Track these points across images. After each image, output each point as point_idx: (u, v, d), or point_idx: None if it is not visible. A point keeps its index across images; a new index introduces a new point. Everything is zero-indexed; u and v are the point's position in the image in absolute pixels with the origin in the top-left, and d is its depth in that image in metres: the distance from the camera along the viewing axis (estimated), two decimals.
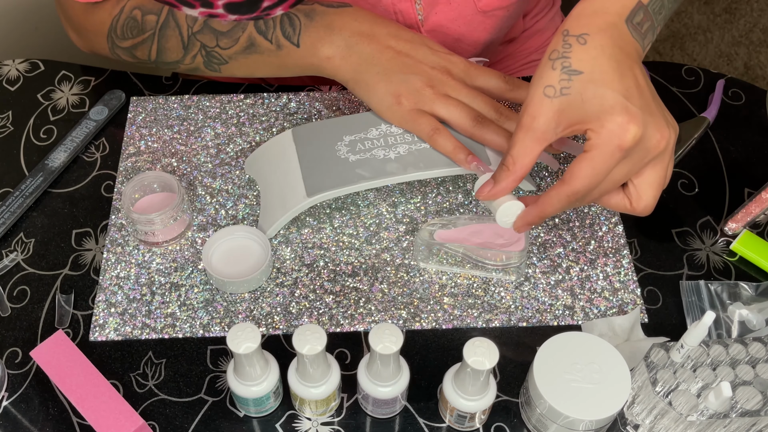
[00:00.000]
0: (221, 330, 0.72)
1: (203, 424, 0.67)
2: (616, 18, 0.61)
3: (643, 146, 0.59)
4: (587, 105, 0.58)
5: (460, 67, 0.75)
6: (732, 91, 0.89)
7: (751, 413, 0.58)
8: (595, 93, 0.58)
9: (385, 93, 0.73)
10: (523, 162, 0.62)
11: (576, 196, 0.60)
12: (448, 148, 0.72)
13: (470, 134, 0.72)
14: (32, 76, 0.91)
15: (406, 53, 0.74)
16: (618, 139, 0.57)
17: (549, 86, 0.59)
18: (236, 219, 0.78)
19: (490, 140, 0.72)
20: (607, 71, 0.59)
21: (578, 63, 0.59)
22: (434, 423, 0.67)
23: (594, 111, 0.58)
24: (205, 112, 0.87)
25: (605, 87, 0.58)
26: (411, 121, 0.73)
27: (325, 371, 0.62)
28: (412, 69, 0.73)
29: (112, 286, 0.74)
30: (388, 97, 0.73)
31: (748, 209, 0.78)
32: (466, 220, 0.74)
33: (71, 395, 0.63)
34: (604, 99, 0.58)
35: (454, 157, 0.72)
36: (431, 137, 0.72)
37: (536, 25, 1.00)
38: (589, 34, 0.60)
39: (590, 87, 0.58)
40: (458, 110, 0.72)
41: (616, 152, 0.58)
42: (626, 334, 0.71)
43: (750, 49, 1.63)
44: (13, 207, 0.79)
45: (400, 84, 0.73)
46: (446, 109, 0.72)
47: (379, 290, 0.74)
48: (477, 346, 0.58)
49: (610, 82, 0.58)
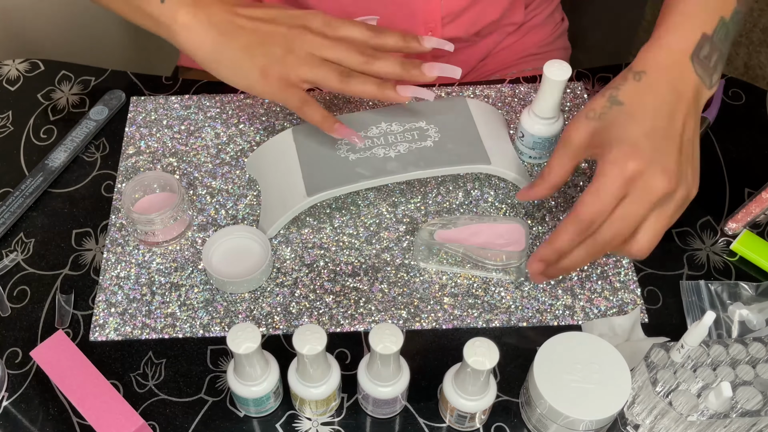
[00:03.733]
0: (221, 330, 0.72)
1: (203, 424, 0.67)
2: (680, 56, 0.63)
3: (645, 184, 0.59)
4: (611, 132, 0.61)
5: (319, 21, 0.72)
6: (732, 91, 0.89)
7: (751, 413, 0.58)
8: (622, 123, 0.61)
9: (250, 68, 0.70)
10: (557, 173, 0.66)
11: (582, 225, 0.61)
12: (317, 118, 0.71)
13: (340, 91, 0.70)
14: (32, 76, 0.91)
15: (262, 20, 0.71)
16: (619, 167, 0.59)
17: (592, 110, 0.63)
18: (236, 219, 0.78)
19: (359, 91, 0.70)
20: (645, 108, 0.61)
21: (624, 95, 0.62)
22: (434, 423, 0.67)
23: (611, 138, 0.60)
24: (205, 112, 0.87)
25: (633, 121, 0.61)
26: (280, 94, 0.71)
27: (325, 371, 0.62)
28: (271, 38, 0.70)
29: (112, 286, 0.74)
30: (254, 72, 0.70)
31: (748, 209, 0.78)
32: (466, 220, 0.74)
33: (71, 395, 0.63)
34: (625, 131, 0.60)
35: (321, 126, 0.71)
36: (300, 109, 0.71)
37: (534, 19, 1.00)
38: (646, 72, 0.63)
39: (622, 117, 0.61)
40: (322, 70, 0.69)
41: (617, 179, 0.59)
42: (626, 334, 0.71)
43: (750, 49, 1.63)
44: (13, 207, 0.79)
45: (263, 57, 0.70)
46: (312, 73, 0.69)
47: (379, 290, 0.74)
48: (477, 346, 0.58)
49: (641, 119, 0.60)
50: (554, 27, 1.03)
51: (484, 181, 0.81)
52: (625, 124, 0.61)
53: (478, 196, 0.80)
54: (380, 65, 0.70)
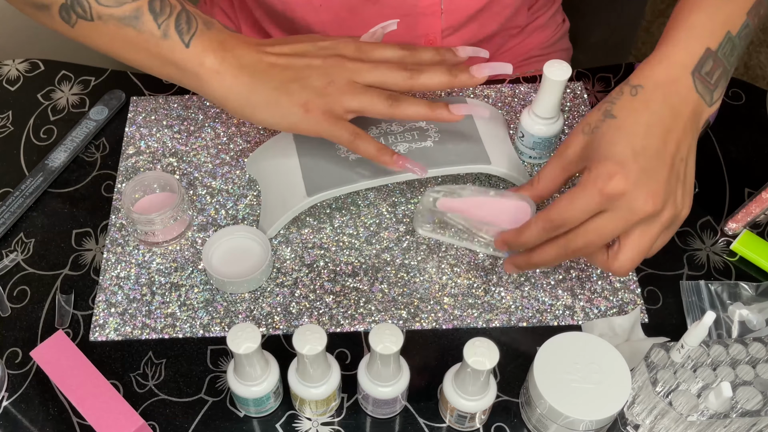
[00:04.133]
0: (221, 330, 0.72)
1: (203, 424, 0.67)
2: (681, 70, 0.62)
3: (627, 204, 0.58)
4: (600, 146, 0.60)
5: (352, 47, 0.69)
6: (732, 91, 0.89)
7: (751, 413, 0.58)
8: (612, 139, 0.60)
9: (289, 106, 0.67)
10: (545, 183, 0.66)
11: (551, 224, 0.61)
12: (371, 152, 0.68)
13: (390, 116, 0.68)
14: (32, 76, 0.91)
15: (293, 55, 0.69)
16: (600, 184, 0.58)
17: (587, 124, 0.62)
18: (236, 219, 0.78)
19: (411, 114, 0.68)
20: (637, 125, 0.60)
21: (618, 110, 0.61)
22: (434, 423, 0.67)
23: (599, 153, 0.60)
24: (205, 112, 0.87)
25: (624, 138, 0.60)
26: (328, 129, 0.67)
27: (325, 371, 0.62)
28: (306, 71, 0.67)
29: (112, 286, 0.74)
30: (296, 109, 0.67)
31: (748, 209, 0.78)
32: (471, 192, 0.71)
33: (71, 395, 0.63)
34: (614, 147, 0.59)
35: (378, 159, 0.68)
36: (353, 143, 0.67)
37: (536, 21, 1.00)
38: (642, 86, 0.62)
39: (613, 133, 0.60)
40: (368, 97, 0.67)
41: (596, 195, 0.58)
42: (626, 334, 0.71)
43: (750, 49, 1.63)
44: (13, 207, 0.79)
45: (302, 91, 0.66)
46: (357, 101, 0.67)
47: (379, 290, 0.74)
48: (477, 346, 0.58)
49: (632, 135, 0.59)
50: (556, 28, 1.03)
51: (484, 181, 0.81)
52: (615, 140, 0.60)
53: None
54: (426, 77, 0.67)
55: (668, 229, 0.62)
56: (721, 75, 0.64)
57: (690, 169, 0.63)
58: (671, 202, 0.60)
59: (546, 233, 0.62)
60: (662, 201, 0.59)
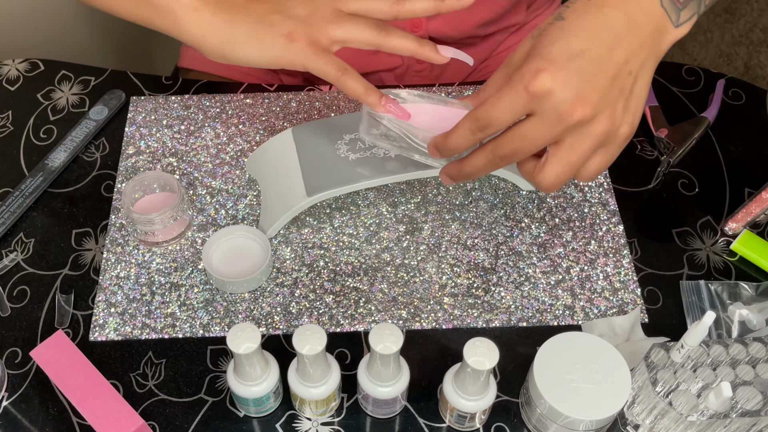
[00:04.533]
0: (221, 330, 0.72)
1: (203, 424, 0.67)
2: None
3: (554, 106, 0.53)
4: (539, 44, 0.55)
5: None
6: (732, 91, 0.89)
7: (751, 413, 0.58)
8: (552, 38, 0.54)
9: (272, 37, 0.63)
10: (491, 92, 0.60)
11: (477, 123, 0.56)
12: (359, 90, 0.64)
13: (377, 46, 0.64)
14: (32, 76, 0.91)
15: None
16: (527, 80, 0.53)
17: (537, 27, 0.57)
18: (236, 219, 0.78)
19: (398, 46, 0.65)
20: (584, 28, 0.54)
21: (570, 14, 0.55)
22: (434, 423, 0.67)
23: (534, 51, 0.54)
24: (205, 112, 0.87)
25: (565, 37, 0.54)
26: (314, 61, 0.63)
27: (325, 371, 0.62)
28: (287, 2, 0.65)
29: (112, 286, 0.74)
30: (279, 40, 0.63)
31: (748, 209, 0.78)
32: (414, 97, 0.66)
33: (71, 395, 0.63)
34: (551, 46, 0.54)
35: (366, 99, 0.64)
36: (339, 80, 0.63)
37: (536, 19, 1.00)
38: None
39: (555, 33, 0.54)
40: (354, 25, 0.64)
41: (521, 93, 0.53)
42: (626, 334, 0.71)
43: (750, 49, 1.63)
44: (13, 207, 0.79)
45: (285, 21, 0.64)
46: (342, 29, 0.64)
47: (379, 290, 0.74)
48: (477, 346, 0.58)
49: (574, 37, 0.54)
50: None
51: (484, 181, 0.81)
52: (554, 39, 0.54)
53: (478, 196, 0.80)
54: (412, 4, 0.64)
55: (605, 148, 0.56)
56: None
57: (640, 88, 0.56)
58: (607, 114, 0.54)
59: (473, 135, 0.57)
60: (593, 109, 0.53)
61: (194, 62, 0.99)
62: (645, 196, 0.81)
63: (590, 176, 0.58)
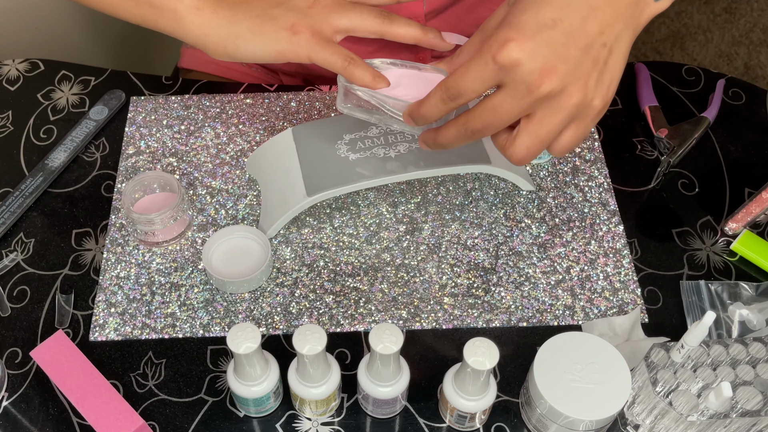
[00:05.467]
0: (221, 330, 0.72)
1: (203, 424, 0.67)
2: None
3: (521, 77, 0.51)
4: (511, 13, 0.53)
5: None
6: (732, 91, 0.89)
7: (751, 413, 0.58)
8: (523, 7, 0.52)
9: (275, 31, 0.63)
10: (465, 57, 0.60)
11: (447, 92, 0.55)
12: (367, 79, 0.63)
13: (381, 34, 0.64)
14: (32, 76, 0.91)
15: None
16: (495, 50, 0.51)
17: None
18: (236, 219, 0.78)
19: (402, 33, 0.64)
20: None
21: None
22: (434, 423, 0.67)
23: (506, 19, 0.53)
24: (205, 112, 0.87)
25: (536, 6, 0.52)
26: (319, 53, 0.63)
27: (325, 371, 0.62)
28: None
29: (112, 286, 0.74)
30: (282, 33, 0.63)
31: (748, 209, 0.78)
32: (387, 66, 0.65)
33: (71, 395, 0.63)
34: (521, 15, 0.52)
35: (374, 86, 0.63)
36: (346, 69, 0.63)
37: None
38: None
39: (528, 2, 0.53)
40: (357, 13, 0.63)
41: (489, 62, 0.52)
42: (626, 334, 0.71)
43: (750, 49, 1.63)
44: (13, 207, 0.79)
45: (287, 14, 0.63)
46: (345, 18, 0.64)
47: (379, 290, 0.74)
48: (477, 346, 0.58)
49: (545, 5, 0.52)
50: None
51: (484, 181, 0.81)
52: (526, 8, 0.52)
53: (478, 196, 0.80)
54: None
55: (577, 121, 0.55)
56: None
57: (615, 60, 0.54)
58: (578, 86, 0.53)
59: (444, 104, 0.56)
60: (561, 80, 0.52)
61: (194, 62, 0.99)
62: (645, 196, 0.81)
63: (563, 150, 0.57)
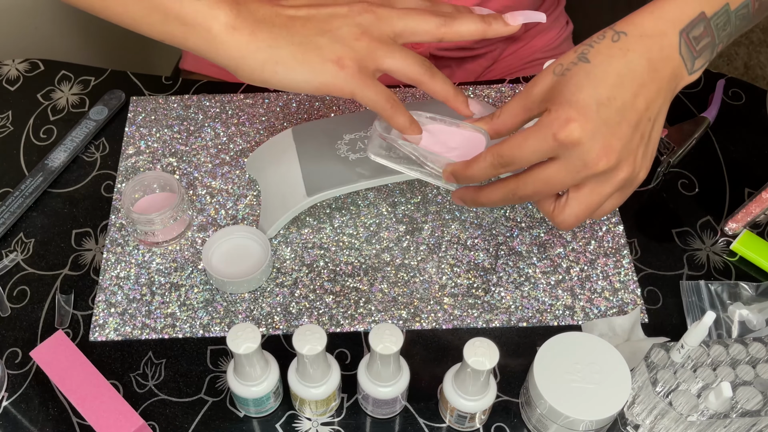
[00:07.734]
0: (221, 330, 0.72)
1: (203, 424, 0.67)
2: (669, 26, 0.57)
3: (580, 155, 0.55)
4: (565, 89, 0.56)
5: None
6: (732, 91, 0.89)
7: (751, 413, 0.58)
8: (579, 83, 0.55)
9: (321, 62, 0.60)
10: (505, 119, 0.61)
11: (500, 159, 0.57)
12: (405, 125, 0.63)
13: (419, 83, 0.63)
14: (32, 76, 0.91)
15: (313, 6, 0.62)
16: (556, 128, 0.54)
17: (560, 64, 0.57)
18: (236, 219, 0.78)
19: (439, 90, 0.64)
20: (609, 73, 0.56)
21: (594, 55, 0.56)
22: (434, 423, 0.67)
23: (563, 97, 0.55)
24: (205, 112, 0.87)
25: (592, 84, 0.55)
26: (362, 88, 0.61)
27: (325, 371, 0.62)
28: (331, 21, 0.61)
29: (112, 286, 0.74)
30: (329, 66, 0.60)
31: (748, 209, 0.78)
32: (426, 120, 0.66)
33: (71, 395, 0.63)
34: (579, 92, 0.55)
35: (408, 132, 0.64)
36: (387, 111, 0.62)
37: (540, 24, 1.00)
38: (626, 34, 0.57)
39: (582, 77, 0.55)
40: (403, 58, 0.62)
41: (549, 139, 0.55)
42: (626, 334, 0.71)
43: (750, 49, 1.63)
44: (13, 207, 0.79)
45: (333, 45, 0.60)
46: (392, 60, 0.61)
47: (379, 290, 0.74)
48: (477, 347, 0.58)
49: (601, 83, 0.55)
50: (560, 30, 1.03)
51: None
52: (582, 85, 0.55)
53: None
54: (459, 24, 0.63)
55: (622, 191, 0.59)
56: (707, 45, 0.59)
57: (656, 132, 0.59)
58: (629, 161, 0.56)
59: (494, 169, 0.58)
60: (617, 158, 0.55)
61: (197, 65, 0.99)
62: (645, 196, 0.81)
63: (603, 214, 0.61)
